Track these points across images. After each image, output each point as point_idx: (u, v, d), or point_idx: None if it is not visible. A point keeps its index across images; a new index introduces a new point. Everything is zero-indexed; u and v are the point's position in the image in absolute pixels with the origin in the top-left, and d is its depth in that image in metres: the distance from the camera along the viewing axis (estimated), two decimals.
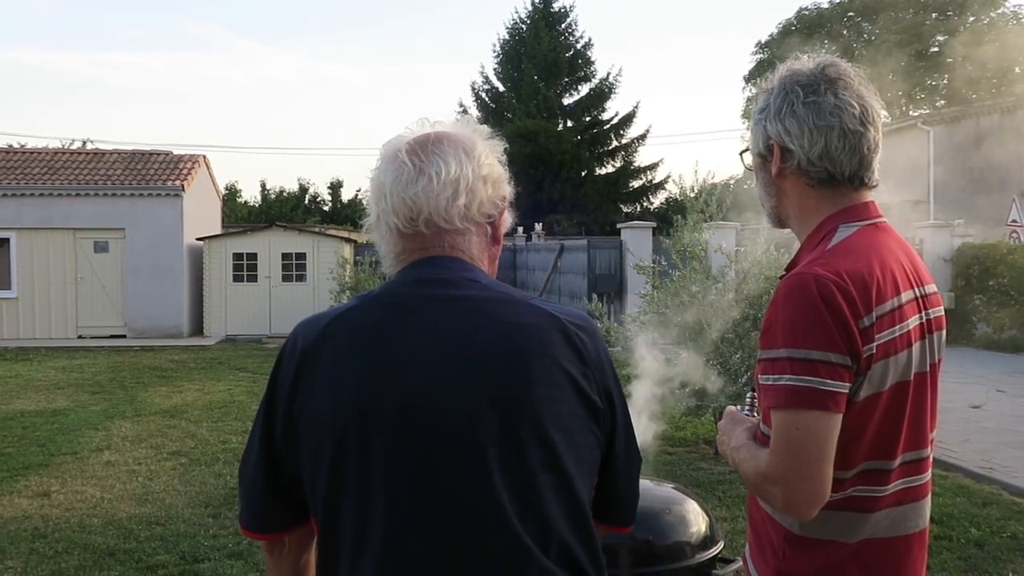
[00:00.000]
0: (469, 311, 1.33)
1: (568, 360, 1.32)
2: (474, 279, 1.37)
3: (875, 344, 1.47)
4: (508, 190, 1.47)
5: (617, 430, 1.40)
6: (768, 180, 1.67)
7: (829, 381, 1.43)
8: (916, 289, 1.58)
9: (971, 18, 34.59)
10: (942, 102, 34.37)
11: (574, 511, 1.31)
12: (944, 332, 1.65)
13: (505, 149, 1.48)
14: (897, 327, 1.51)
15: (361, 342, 1.31)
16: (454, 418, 1.26)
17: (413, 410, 1.27)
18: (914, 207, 21.47)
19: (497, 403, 1.27)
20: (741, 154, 1.75)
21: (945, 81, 35.19)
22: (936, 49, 34.45)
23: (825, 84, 1.59)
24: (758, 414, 1.76)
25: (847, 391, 1.45)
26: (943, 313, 1.66)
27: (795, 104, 1.59)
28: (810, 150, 1.58)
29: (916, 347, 1.55)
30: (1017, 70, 33.93)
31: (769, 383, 1.48)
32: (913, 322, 1.55)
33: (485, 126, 1.48)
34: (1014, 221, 18.38)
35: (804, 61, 1.64)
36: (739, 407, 1.82)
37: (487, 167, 1.41)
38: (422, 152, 1.38)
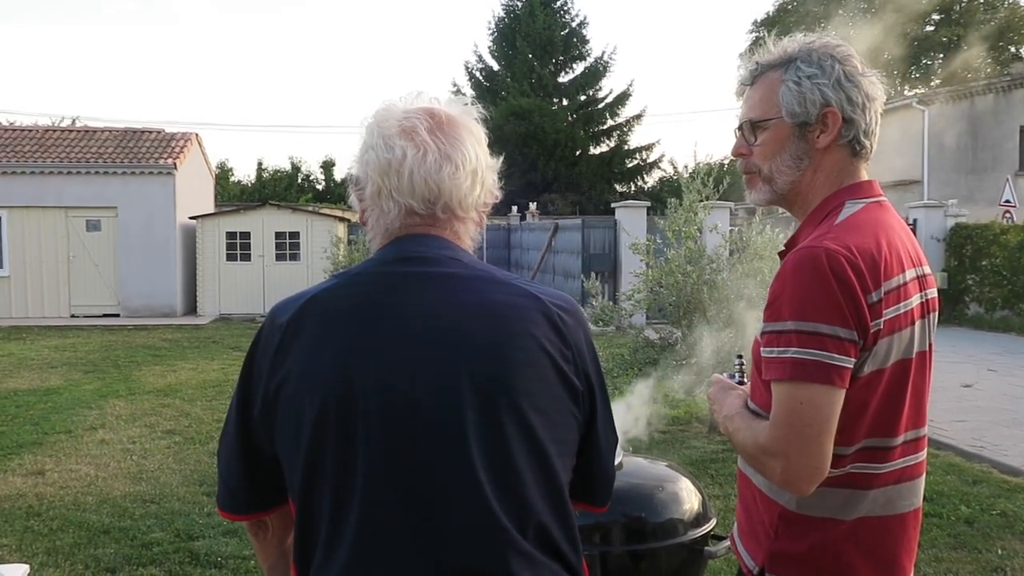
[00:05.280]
0: (450, 289, 1.31)
1: (549, 341, 1.31)
2: (455, 257, 1.35)
3: (882, 320, 1.46)
4: (496, 177, 1.46)
5: (596, 412, 1.38)
6: (804, 150, 1.60)
7: (836, 355, 1.42)
8: (916, 268, 1.57)
9: None
10: (937, 82, 34.29)
11: (552, 492, 1.29)
12: (937, 314, 1.65)
13: (490, 136, 1.46)
14: (902, 304, 1.51)
15: (340, 321, 1.29)
16: (433, 398, 1.25)
17: (392, 390, 1.25)
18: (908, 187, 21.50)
19: (477, 383, 1.25)
20: (755, 123, 1.64)
21: (940, 60, 35.10)
22: (932, 28, 34.33)
23: (856, 59, 1.59)
24: (747, 379, 1.75)
25: (851, 366, 1.44)
26: (937, 294, 1.66)
27: (854, 75, 1.57)
28: (866, 124, 1.58)
29: (917, 325, 1.55)
30: (1012, 49, 33.86)
31: (773, 355, 1.47)
32: (915, 300, 1.55)
33: (475, 106, 1.45)
34: (1007, 201, 18.41)
35: (813, 37, 1.62)
36: (726, 374, 1.82)
37: (489, 155, 1.41)
38: (442, 134, 1.34)
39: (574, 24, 39.33)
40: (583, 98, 39.22)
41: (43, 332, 15.65)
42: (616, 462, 2.54)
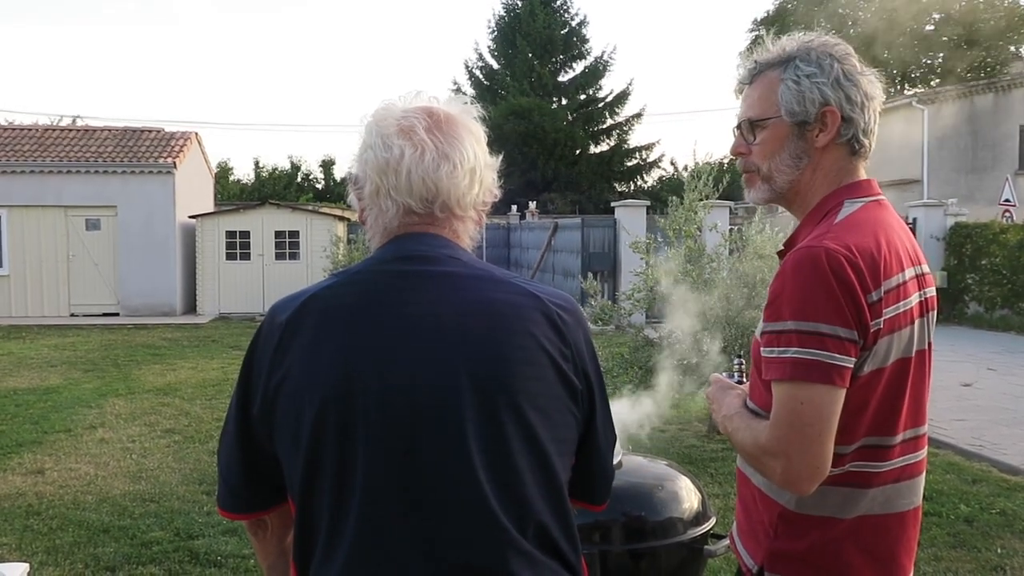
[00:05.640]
0: (449, 288, 1.31)
1: (548, 340, 1.30)
2: (455, 256, 1.35)
3: (882, 319, 1.46)
4: (496, 175, 1.46)
5: (595, 411, 1.38)
6: (803, 149, 1.60)
7: (837, 355, 1.42)
8: (915, 267, 1.57)
9: None
10: (937, 81, 34.28)
11: (551, 491, 1.29)
12: (935, 312, 1.65)
13: (490, 135, 1.46)
14: (901, 303, 1.51)
15: (340, 319, 1.29)
16: (433, 396, 1.25)
17: (392, 388, 1.25)
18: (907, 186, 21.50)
19: (476, 381, 1.25)
20: (754, 122, 1.64)
21: (940, 59, 35.09)
22: (932, 27, 34.31)
23: (855, 58, 1.59)
24: (747, 379, 1.75)
25: (852, 366, 1.44)
26: (935, 293, 1.66)
27: (852, 74, 1.57)
28: (865, 123, 1.58)
29: (916, 324, 1.55)
30: (1012, 49, 33.85)
31: (774, 355, 1.47)
32: (914, 299, 1.55)
33: (475, 105, 1.45)
34: (1007, 200, 18.42)
35: (811, 36, 1.62)
36: (725, 374, 1.81)
37: (488, 154, 1.41)
38: (440, 133, 1.34)
39: (574, 23, 39.34)
40: (583, 97, 39.23)
41: (43, 331, 15.64)
42: (616, 461, 2.55)
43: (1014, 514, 5.32)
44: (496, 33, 39.58)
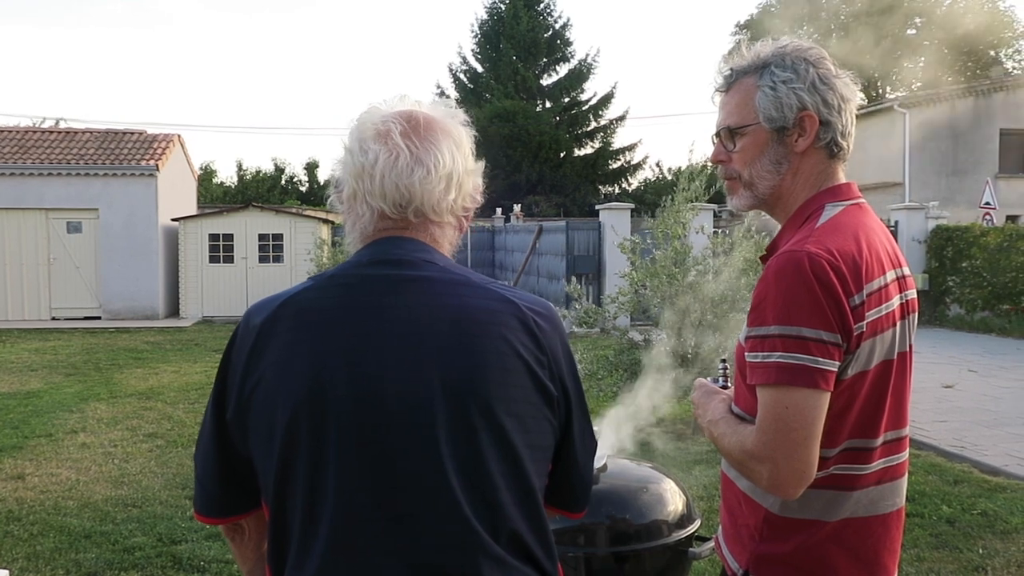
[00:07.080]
0: (424, 293, 1.30)
1: (523, 346, 1.30)
2: (431, 261, 1.34)
3: (865, 322, 1.47)
4: (479, 181, 1.45)
5: (572, 418, 1.38)
6: (783, 154, 1.61)
7: (820, 359, 1.42)
8: (896, 270, 1.58)
9: None
10: (918, 84, 34.57)
11: (525, 498, 1.29)
12: (916, 315, 1.66)
13: (476, 138, 1.45)
14: (884, 306, 1.52)
15: (314, 323, 1.29)
16: (405, 401, 1.24)
17: (364, 392, 1.25)
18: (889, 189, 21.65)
19: (449, 387, 1.25)
20: (734, 130, 1.64)
21: (921, 63, 35.38)
22: (913, 32, 34.61)
23: (829, 61, 1.60)
24: (731, 384, 1.75)
25: (836, 369, 1.45)
26: (916, 296, 1.67)
27: (828, 78, 1.58)
28: (843, 126, 1.59)
29: (898, 327, 1.56)
30: (992, 53, 34.18)
31: (758, 360, 1.47)
32: (896, 302, 1.56)
33: (461, 110, 1.44)
34: (987, 203, 18.59)
35: (785, 41, 1.63)
36: (710, 378, 1.82)
37: (470, 159, 1.40)
38: (416, 138, 1.33)
39: (557, 26, 39.40)
40: (567, 100, 39.29)
41: (23, 335, 15.50)
42: (600, 464, 2.55)
43: (995, 515, 5.36)
44: (480, 36, 39.58)
